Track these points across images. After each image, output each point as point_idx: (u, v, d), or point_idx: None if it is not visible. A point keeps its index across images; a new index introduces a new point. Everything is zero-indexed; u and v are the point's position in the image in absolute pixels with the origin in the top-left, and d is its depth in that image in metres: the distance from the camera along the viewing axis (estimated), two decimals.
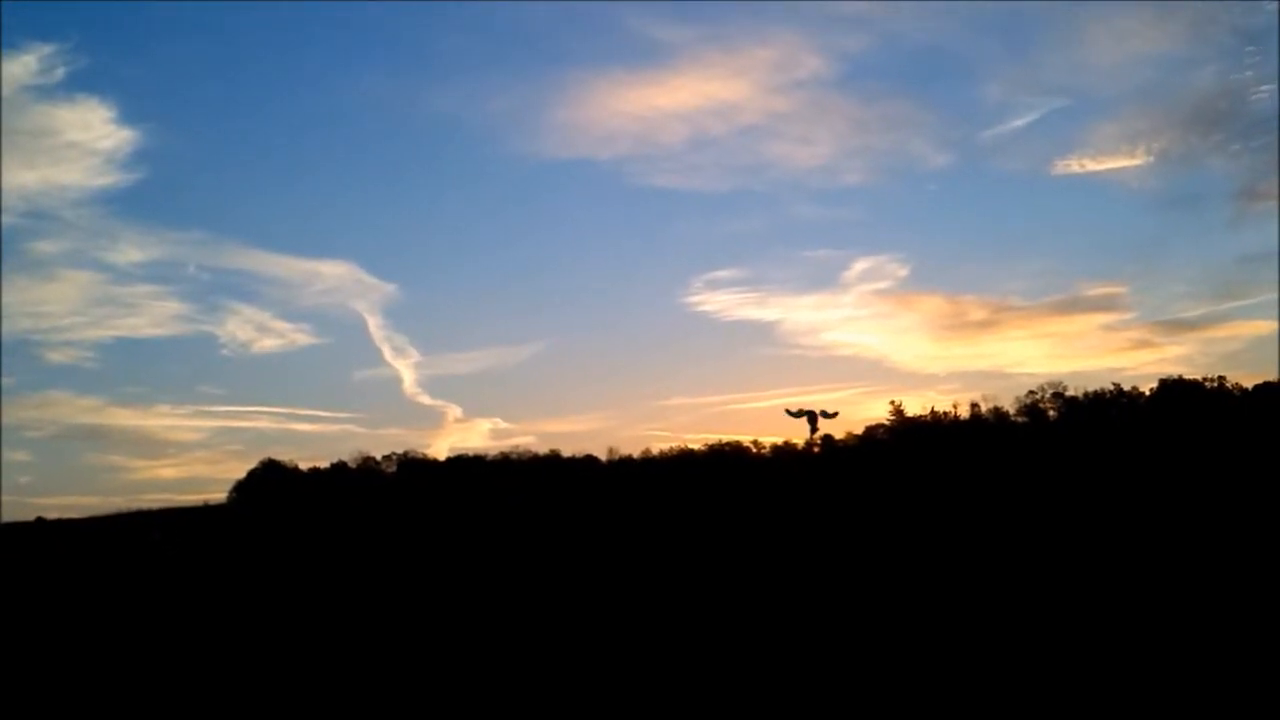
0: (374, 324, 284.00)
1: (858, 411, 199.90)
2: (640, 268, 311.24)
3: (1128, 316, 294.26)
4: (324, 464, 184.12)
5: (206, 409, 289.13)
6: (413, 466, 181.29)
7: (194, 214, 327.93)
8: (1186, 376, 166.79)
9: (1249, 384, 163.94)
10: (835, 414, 39.89)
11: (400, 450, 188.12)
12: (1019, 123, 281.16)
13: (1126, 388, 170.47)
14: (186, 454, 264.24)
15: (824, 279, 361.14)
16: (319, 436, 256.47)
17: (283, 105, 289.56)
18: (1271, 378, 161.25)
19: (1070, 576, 23.65)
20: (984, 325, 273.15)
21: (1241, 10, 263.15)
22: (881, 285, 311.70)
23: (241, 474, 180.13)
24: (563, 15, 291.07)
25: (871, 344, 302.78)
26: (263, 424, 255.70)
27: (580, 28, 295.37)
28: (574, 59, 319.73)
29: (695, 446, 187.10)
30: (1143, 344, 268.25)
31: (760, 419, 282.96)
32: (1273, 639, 15.46)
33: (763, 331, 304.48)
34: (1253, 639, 15.48)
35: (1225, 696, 12.49)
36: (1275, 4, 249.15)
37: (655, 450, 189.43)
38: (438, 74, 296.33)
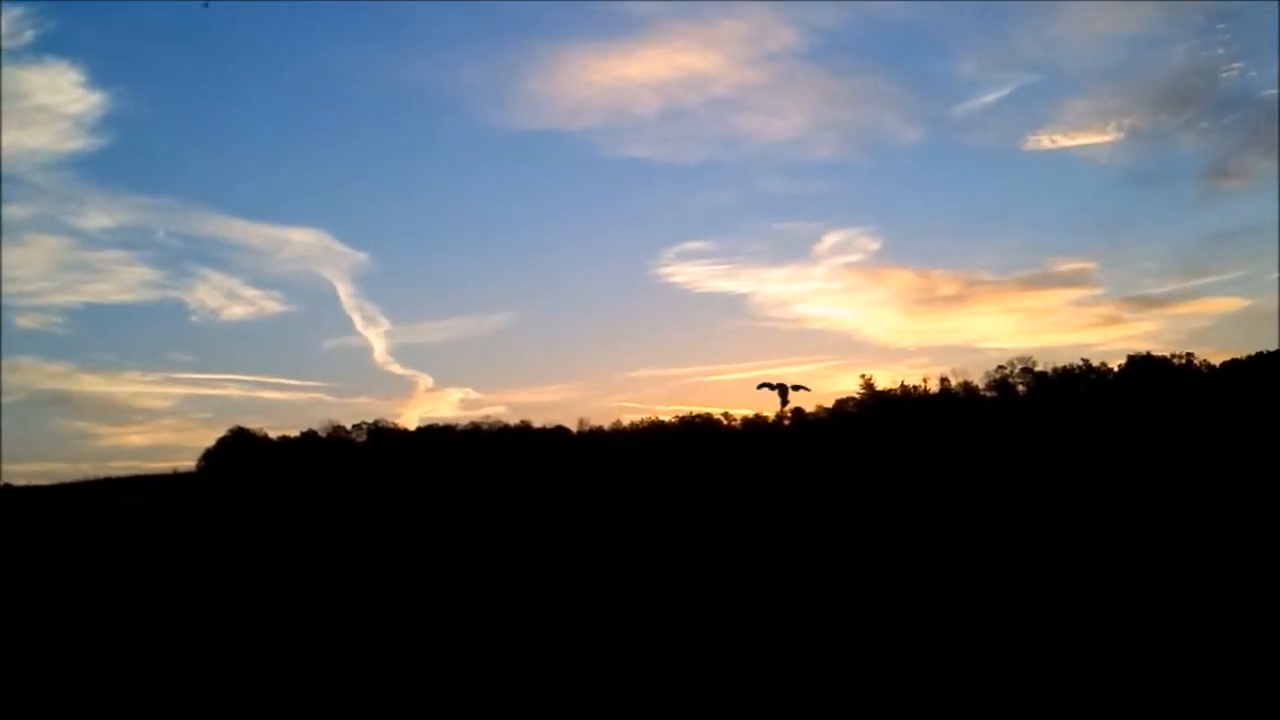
0: (344, 292, 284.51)
1: (828, 385, 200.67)
2: (611, 239, 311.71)
3: (1097, 292, 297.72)
4: (294, 433, 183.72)
5: (175, 376, 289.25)
6: (383, 436, 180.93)
7: (164, 180, 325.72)
8: (1155, 353, 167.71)
9: (1217, 361, 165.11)
10: (806, 387, 39.87)
11: (370, 419, 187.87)
12: (990, 98, 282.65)
13: (1095, 364, 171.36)
14: (155, 421, 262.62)
15: (795, 252, 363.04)
16: (289, 405, 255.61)
17: (254, 72, 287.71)
18: (1239, 355, 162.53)
19: (1039, 553, 23.82)
20: (954, 300, 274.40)
21: None
22: (852, 258, 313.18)
23: (210, 442, 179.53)
24: None
25: (842, 317, 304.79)
26: (232, 392, 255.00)
27: None
28: (545, 29, 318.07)
29: (666, 418, 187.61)
30: (1112, 320, 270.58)
31: (731, 391, 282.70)
32: (1241, 616, 15.61)
33: (733, 304, 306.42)
34: (1221, 617, 15.63)
35: (1194, 677, 12.59)
36: None
37: (626, 422, 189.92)
38: (409, 42, 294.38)
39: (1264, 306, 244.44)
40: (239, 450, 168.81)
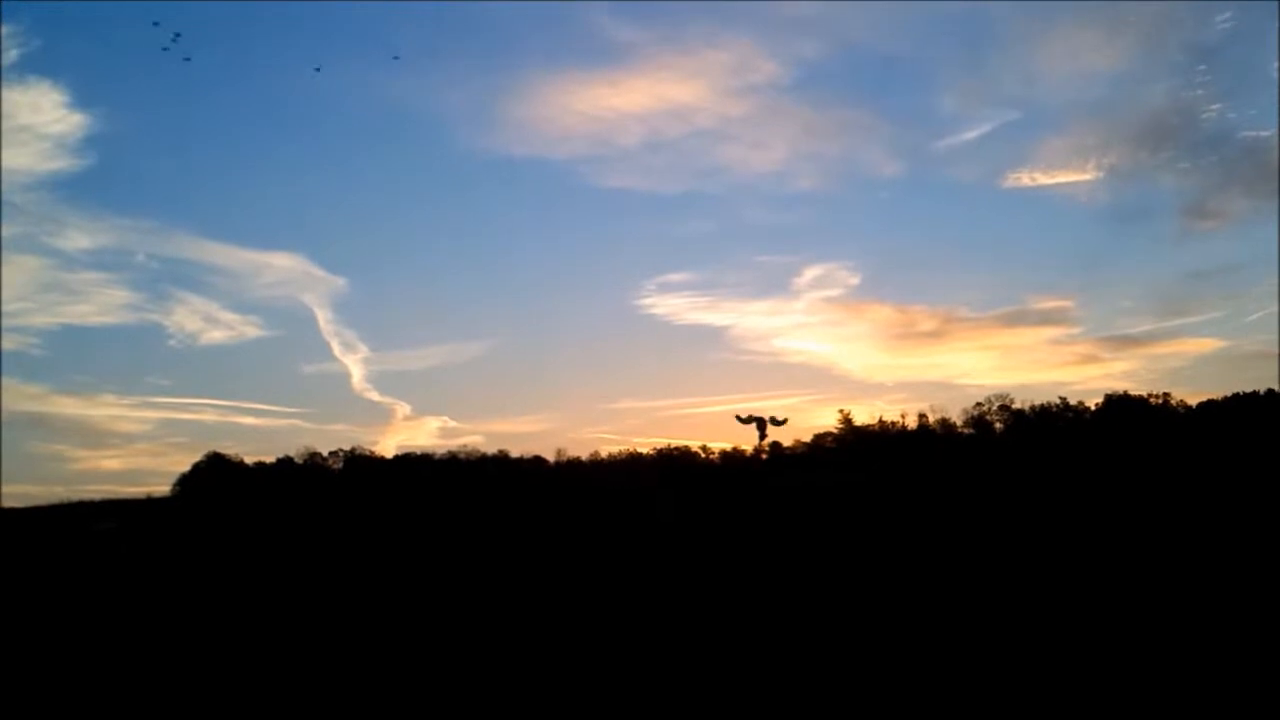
0: (323, 318, 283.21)
1: (806, 419, 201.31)
2: (593, 268, 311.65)
3: (1075, 331, 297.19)
4: (270, 459, 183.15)
5: (152, 400, 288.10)
6: (360, 463, 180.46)
7: (144, 202, 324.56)
8: (1132, 392, 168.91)
9: (1193, 401, 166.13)
10: (784, 421, 39.84)
11: (348, 446, 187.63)
12: (971, 134, 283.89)
13: (1072, 402, 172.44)
14: (130, 445, 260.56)
15: (775, 285, 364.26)
16: (265, 430, 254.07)
17: (237, 95, 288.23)
18: (1215, 395, 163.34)
19: (1015, 586, 23.80)
20: (932, 335, 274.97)
21: (1193, 29, 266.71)
22: (832, 293, 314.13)
23: (186, 467, 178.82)
24: (520, 13, 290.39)
25: (821, 351, 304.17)
26: (208, 416, 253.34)
27: (538, 25, 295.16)
28: (531, 57, 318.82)
29: (644, 450, 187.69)
30: (1089, 359, 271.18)
31: (710, 424, 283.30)
32: (1212, 640, 15.63)
33: (714, 336, 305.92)
34: (1192, 642, 15.64)
35: (1160, 696, 12.57)
36: (1226, 24, 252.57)
37: (604, 453, 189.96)
38: (394, 67, 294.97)
39: (1241, 347, 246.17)
40: (214, 475, 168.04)
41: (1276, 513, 37.16)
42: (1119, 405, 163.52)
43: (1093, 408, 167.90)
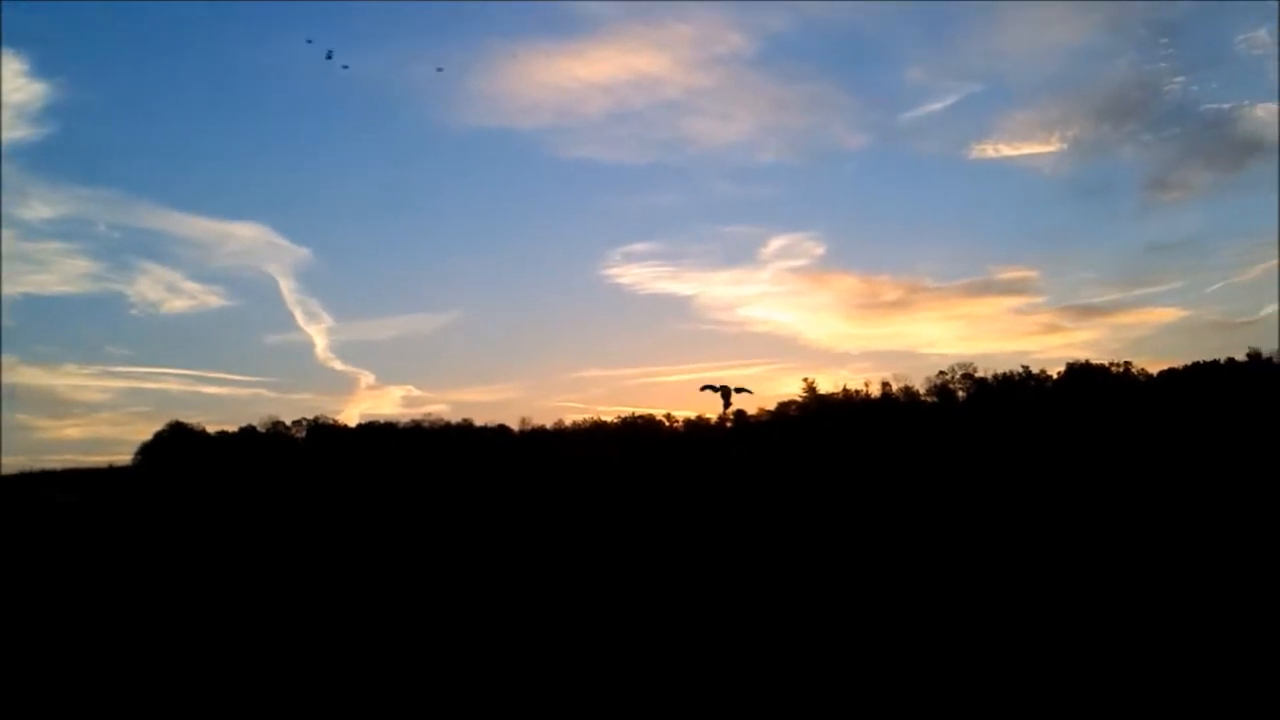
0: (286, 288, 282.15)
1: (771, 388, 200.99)
2: (558, 239, 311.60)
3: (1038, 300, 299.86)
4: (233, 428, 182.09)
5: (114, 369, 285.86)
6: (323, 432, 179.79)
7: (106, 171, 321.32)
8: (1094, 361, 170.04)
9: (1154, 370, 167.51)
10: (748, 390, 39.70)
11: (311, 416, 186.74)
12: (937, 106, 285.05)
13: (1035, 371, 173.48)
14: (93, 414, 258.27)
15: (741, 255, 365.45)
16: (228, 400, 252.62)
17: (199, 64, 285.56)
18: (1176, 364, 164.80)
19: (977, 554, 23.92)
20: (897, 305, 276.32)
21: (1156, 4, 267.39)
22: (797, 263, 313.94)
23: (148, 436, 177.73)
24: None
25: (786, 321, 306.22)
26: (171, 386, 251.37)
27: None
28: (496, 27, 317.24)
29: (608, 419, 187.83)
30: (1052, 328, 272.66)
31: (674, 393, 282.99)
32: (1164, 613, 15.73)
33: (678, 305, 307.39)
34: (1145, 615, 15.72)
35: (1107, 671, 12.61)
36: None
37: (568, 421, 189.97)
38: (358, 37, 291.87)
39: (1201, 317, 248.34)
40: (177, 444, 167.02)
41: (1235, 480, 37.51)
42: (1081, 374, 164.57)
43: (1055, 376, 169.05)
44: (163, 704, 14.29)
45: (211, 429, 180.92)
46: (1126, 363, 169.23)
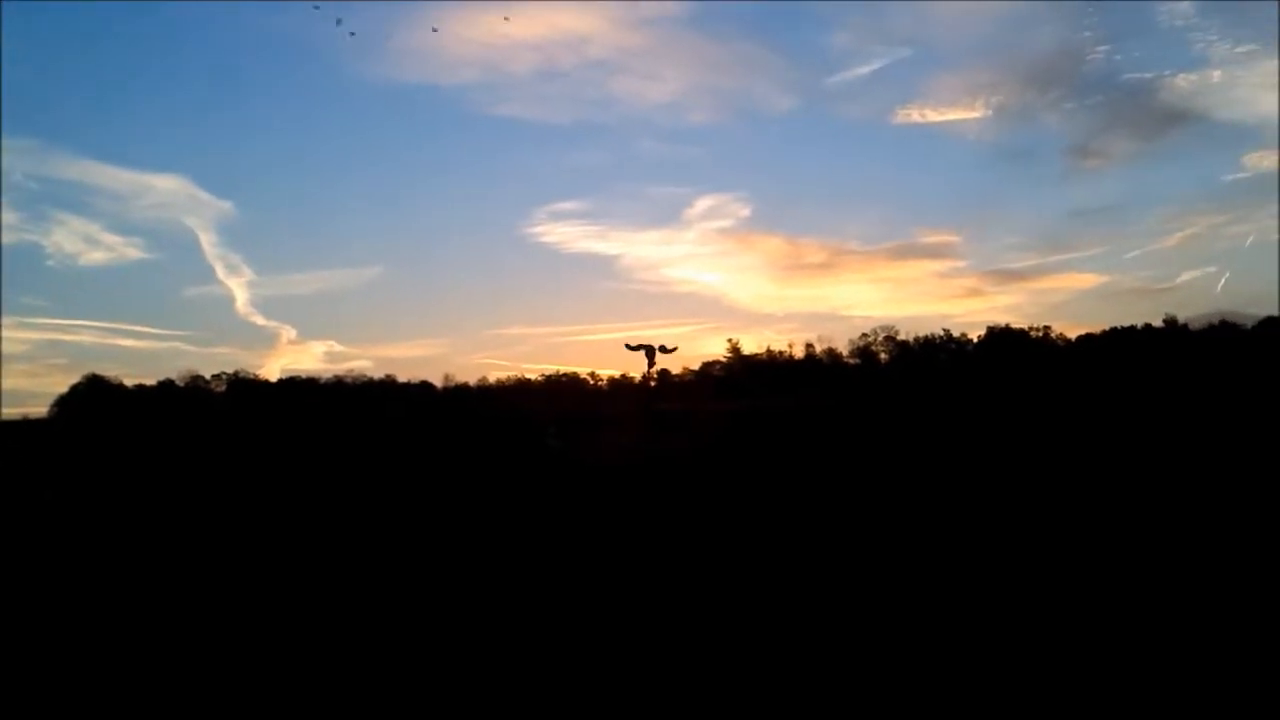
0: (207, 241, 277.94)
1: (696, 348, 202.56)
2: (484, 196, 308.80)
3: (960, 265, 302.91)
4: (151, 381, 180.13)
5: (29, 320, 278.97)
6: (243, 387, 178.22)
7: (22, 120, 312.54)
8: (1014, 325, 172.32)
9: (1073, 335, 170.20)
10: (673, 349, 40.00)
11: (231, 370, 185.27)
12: (864, 70, 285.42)
13: (956, 334, 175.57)
14: (8, 366, 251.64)
15: (667, 215, 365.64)
16: (147, 353, 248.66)
17: (119, 12, 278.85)
18: (1095, 329, 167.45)
19: (896, 517, 24.04)
20: (822, 268, 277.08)
21: None
22: (723, 224, 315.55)
23: (64, 388, 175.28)
24: None
25: (711, 282, 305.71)
26: (88, 339, 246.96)
27: None
28: None
29: (532, 376, 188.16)
30: (974, 292, 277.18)
31: (599, 351, 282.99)
32: (1086, 584, 15.84)
33: (604, 265, 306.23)
34: (1067, 585, 15.81)
35: (1032, 651, 12.63)
36: None
37: (492, 379, 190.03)
38: None
39: (1120, 283, 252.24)
40: (93, 397, 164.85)
41: (1150, 444, 38.08)
42: (1001, 337, 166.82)
43: (975, 340, 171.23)
44: (64, 665, 14.01)
45: (129, 382, 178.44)
46: (1046, 327, 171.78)
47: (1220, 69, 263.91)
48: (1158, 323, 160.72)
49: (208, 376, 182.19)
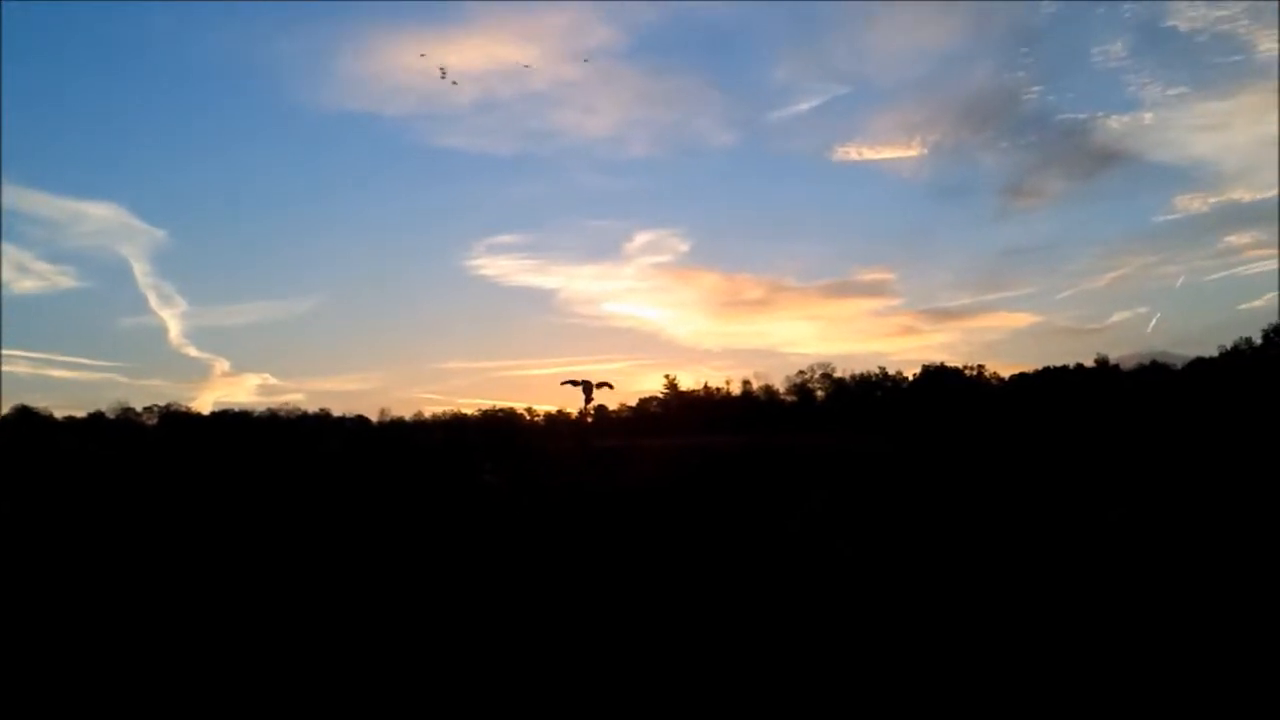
0: (140, 270, 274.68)
1: (633, 383, 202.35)
2: (421, 228, 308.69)
3: (896, 303, 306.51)
4: (81, 413, 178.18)
5: None
6: (175, 420, 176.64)
7: None
8: (949, 364, 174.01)
9: (1007, 374, 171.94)
10: (610, 385, 39.85)
11: (163, 402, 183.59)
12: (803, 106, 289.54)
13: (892, 372, 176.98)
14: None
15: (605, 249, 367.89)
16: (78, 384, 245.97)
17: (52, 36, 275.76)
18: (1028, 368, 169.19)
19: (833, 560, 23.97)
20: (759, 304, 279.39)
21: (1019, 11, 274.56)
22: (662, 259, 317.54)
23: None
24: None
25: (649, 317, 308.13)
26: (18, 369, 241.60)
27: None
28: (363, 9, 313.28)
29: (469, 411, 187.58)
30: (909, 330, 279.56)
31: (536, 386, 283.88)
32: (1020, 623, 15.82)
33: (542, 299, 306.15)
34: (999, 623, 15.79)
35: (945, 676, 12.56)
36: (1050, 8, 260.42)
37: (428, 414, 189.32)
38: (220, 10, 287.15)
39: (1053, 322, 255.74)
40: (22, 429, 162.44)
41: (1079, 480, 38.31)
42: (936, 375, 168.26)
43: (911, 377, 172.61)
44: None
45: (59, 414, 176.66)
46: (980, 365, 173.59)
47: (1152, 111, 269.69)
48: (1090, 362, 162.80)
49: (139, 409, 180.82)
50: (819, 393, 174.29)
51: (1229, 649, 14.24)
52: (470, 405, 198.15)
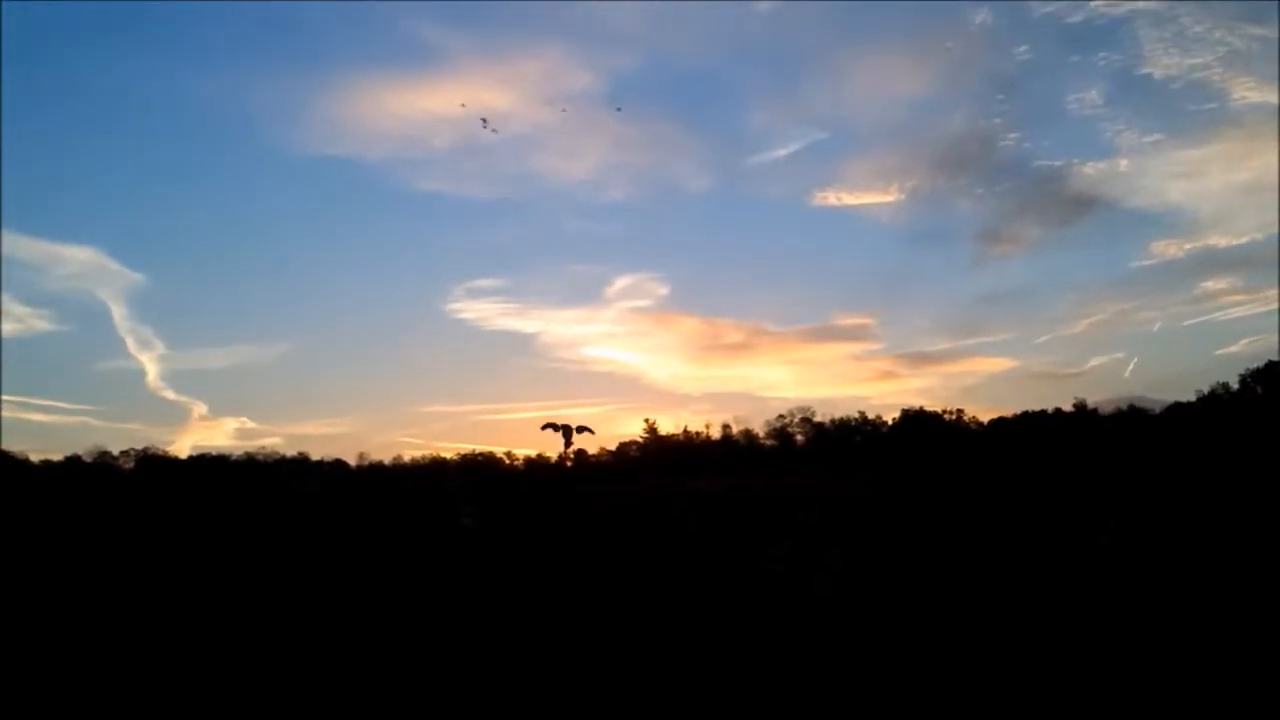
0: (119, 314, 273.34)
1: (612, 427, 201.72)
2: (401, 271, 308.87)
3: (875, 347, 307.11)
4: (58, 457, 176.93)
5: None
6: (152, 464, 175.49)
7: None
8: (928, 408, 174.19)
9: (985, 418, 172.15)
10: (590, 429, 39.67)
11: (140, 446, 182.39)
12: (781, 152, 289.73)
13: (871, 416, 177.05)
14: None
15: (585, 293, 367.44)
16: (54, 428, 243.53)
17: (33, 79, 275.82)
18: (1006, 413, 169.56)
19: (812, 604, 23.89)
20: (738, 348, 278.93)
21: (995, 58, 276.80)
22: (641, 303, 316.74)
23: None
24: (334, 10, 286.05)
25: (629, 361, 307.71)
26: None
27: (351, 23, 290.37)
28: (344, 55, 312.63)
29: (448, 455, 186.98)
30: (888, 374, 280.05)
31: (516, 430, 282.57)
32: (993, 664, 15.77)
33: (522, 343, 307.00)
34: (977, 665, 15.74)
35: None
36: (1025, 56, 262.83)
37: (407, 457, 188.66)
38: (200, 57, 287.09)
39: (1030, 367, 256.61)
40: None
41: (1060, 524, 38.32)
42: (915, 420, 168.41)
43: (890, 422, 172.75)
44: None
45: (35, 457, 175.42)
46: (959, 410, 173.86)
47: (1128, 157, 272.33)
48: (1068, 407, 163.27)
49: (116, 453, 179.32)
50: (799, 437, 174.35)
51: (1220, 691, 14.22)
52: (450, 449, 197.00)
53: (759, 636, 19.23)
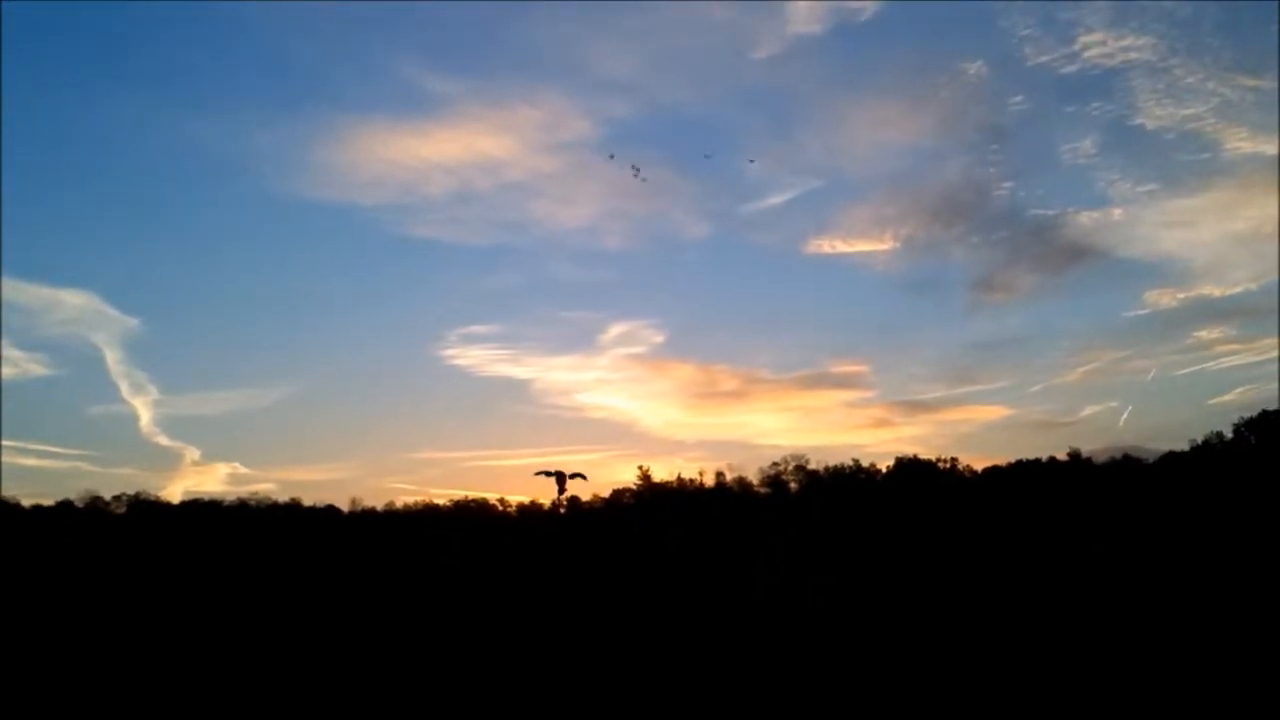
0: (113, 358, 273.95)
1: (606, 474, 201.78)
2: (396, 317, 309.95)
3: (869, 395, 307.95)
4: (49, 501, 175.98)
5: None
6: (144, 509, 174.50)
7: None
8: (922, 456, 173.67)
9: (979, 466, 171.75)
10: (583, 476, 39.51)
11: (132, 491, 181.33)
12: (777, 200, 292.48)
13: (865, 464, 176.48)
14: None
15: (580, 340, 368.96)
16: (47, 472, 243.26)
17: (31, 124, 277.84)
18: (1000, 461, 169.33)
19: (800, 641, 23.82)
20: (733, 395, 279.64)
21: (989, 109, 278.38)
22: (636, 350, 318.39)
23: None
24: (333, 57, 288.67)
25: (623, 408, 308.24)
26: None
27: (351, 70, 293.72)
28: (343, 102, 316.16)
29: (441, 501, 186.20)
30: (882, 422, 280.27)
31: (509, 476, 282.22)
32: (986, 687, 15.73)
33: (517, 389, 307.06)
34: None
35: None
36: (1019, 107, 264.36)
37: (399, 504, 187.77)
38: (198, 102, 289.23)
39: (1025, 416, 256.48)
40: None
41: (1054, 572, 38.32)
42: (909, 468, 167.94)
43: (884, 470, 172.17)
44: None
45: (27, 502, 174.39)
46: (953, 458, 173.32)
47: (1122, 207, 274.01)
48: (1062, 455, 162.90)
49: (108, 498, 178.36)
50: (793, 485, 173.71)
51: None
52: (443, 495, 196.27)
53: (755, 648, 19.23)
